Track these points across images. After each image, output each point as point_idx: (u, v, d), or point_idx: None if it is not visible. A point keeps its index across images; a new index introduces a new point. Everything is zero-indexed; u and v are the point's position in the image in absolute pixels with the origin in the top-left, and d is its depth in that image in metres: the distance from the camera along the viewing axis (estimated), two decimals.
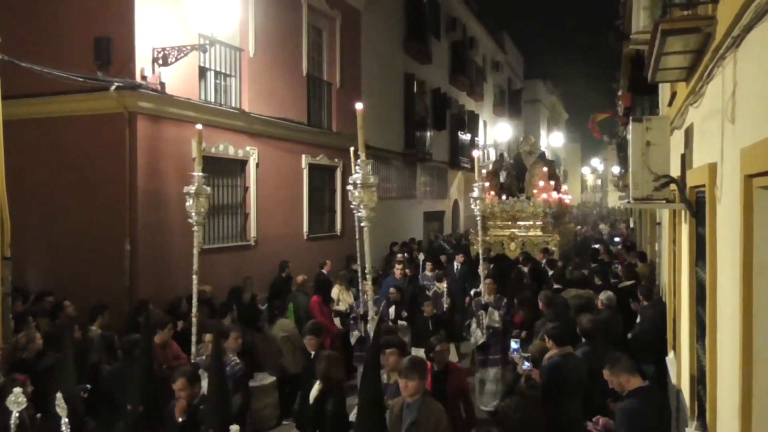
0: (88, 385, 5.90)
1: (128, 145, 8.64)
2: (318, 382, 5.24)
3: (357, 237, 7.51)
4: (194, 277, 5.92)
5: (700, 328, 4.89)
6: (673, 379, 6.52)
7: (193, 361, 5.77)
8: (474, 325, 8.40)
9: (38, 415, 4.40)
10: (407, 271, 10.88)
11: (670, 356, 7.34)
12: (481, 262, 8.71)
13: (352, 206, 4.49)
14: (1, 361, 5.58)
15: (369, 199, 4.39)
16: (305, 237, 12.94)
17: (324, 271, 11.49)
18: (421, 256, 12.87)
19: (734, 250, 3.15)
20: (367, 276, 4.83)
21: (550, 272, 11.12)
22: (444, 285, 10.08)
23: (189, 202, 5.83)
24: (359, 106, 4.42)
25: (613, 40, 17.02)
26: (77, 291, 8.06)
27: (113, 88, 8.30)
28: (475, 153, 8.53)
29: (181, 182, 9.27)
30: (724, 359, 3.65)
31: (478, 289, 8.84)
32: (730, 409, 3.27)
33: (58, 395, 3.34)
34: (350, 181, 4.43)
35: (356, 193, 4.39)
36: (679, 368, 6.16)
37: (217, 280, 9.48)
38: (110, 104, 8.50)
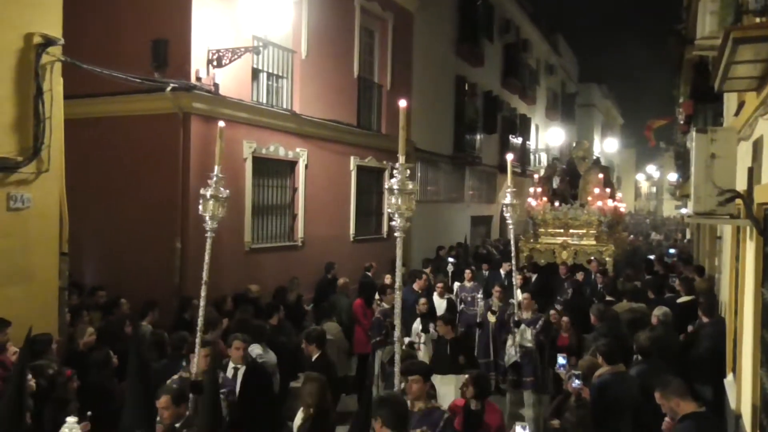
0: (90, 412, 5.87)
1: (182, 145, 8.81)
2: (302, 410, 4.79)
3: (394, 241, 7.26)
4: (203, 286, 5.23)
5: (765, 353, 4.63)
6: (732, 404, 6.19)
7: (185, 376, 5.34)
8: (510, 342, 7.99)
9: (89, 413, 4.44)
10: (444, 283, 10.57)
11: (729, 378, 6.99)
12: (514, 272, 8.13)
13: (389, 212, 4.08)
14: (56, 353, 5.74)
15: (407, 207, 3.96)
16: (351, 239, 12.95)
17: (369, 273, 11.46)
18: (450, 267, 12.27)
19: None
20: (396, 289, 4.26)
21: (600, 284, 10.78)
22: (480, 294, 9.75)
23: (208, 205, 5.23)
24: (403, 103, 4.07)
25: (674, 44, 16.45)
26: (130, 287, 8.23)
27: (169, 89, 8.46)
28: (509, 156, 8.02)
29: (232, 182, 9.40)
30: None
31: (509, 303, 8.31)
32: None
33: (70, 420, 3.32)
34: (386, 186, 4.01)
35: (392, 200, 3.95)
36: (740, 393, 5.85)
37: (264, 279, 9.57)
38: (166, 105, 8.67)
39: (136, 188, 9.05)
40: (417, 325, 8.27)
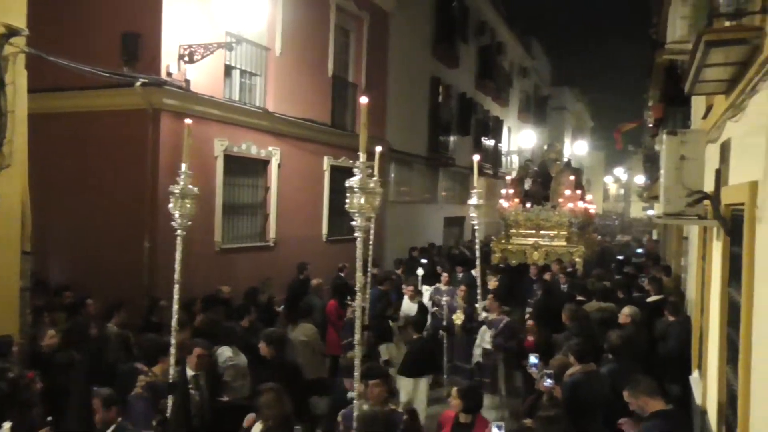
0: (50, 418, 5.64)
1: (151, 142, 8.64)
2: (260, 422, 4.56)
3: (368, 241, 7.22)
4: (176, 286, 5.11)
5: (731, 350, 4.70)
6: (698, 400, 6.30)
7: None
8: (478, 341, 8.09)
9: (49, 418, 4.31)
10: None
11: (695, 375, 7.11)
12: (478, 272, 8.06)
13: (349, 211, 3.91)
14: (17, 355, 5.57)
15: (370, 207, 3.79)
16: (324, 239, 12.87)
17: (342, 274, 11.39)
18: (420, 271, 12.15)
19: None
20: (358, 292, 4.16)
21: (563, 285, 10.84)
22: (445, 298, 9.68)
23: (178, 203, 5.14)
24: (364, 100, 3.91)
25: (645, 49, 16.73)
26: (97, 287, 8.05)
27: (138, 84, 8.30)
28: (475, 157, 8.00)
29: (203, 181, 9.25)
30: (759, 385, 3.47)
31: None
32: None
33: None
34: (347, 185, 3.84)
35: (353, 199, 3.79)
36: (705, 389, 5.95)
37: (235, 280, 9.44)
38: (135, 100, 8.50)
39: (104, 186, 8.85)
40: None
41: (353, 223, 3.88)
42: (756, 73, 3.62)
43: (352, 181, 3.83)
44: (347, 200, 3.87)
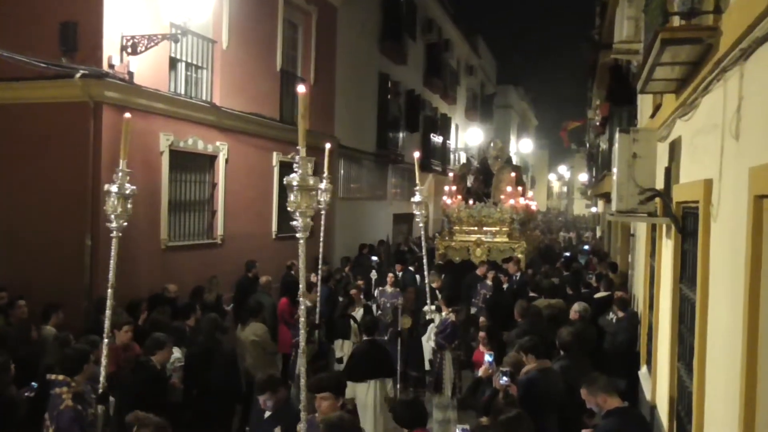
0: (35, 383, 5.50)
1: (92, 136, 8.22)
2: None
3: (318, 238, 7.14)
4: (109, 291, 4.95)
5: (682, 347, 4.81)
6: (647, 395, 6.45)
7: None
8: (425, 338, 8.12)
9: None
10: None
11: (643, 371, 7.29)
12: (425, 270, 7.90)
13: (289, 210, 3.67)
14: None
15: (307, 205, 3.58)
16: (274, 236, 12.63)
17: (292, 272, 11.20)
18: (374, 275, 11.87)
19: (735, 271, 3.03)
20: (301, 299, 4.01)
21: (505, 285, 10.93)
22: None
23: (109, 202, 4.90)
24: (302, 89, 3.68)
25: (588, 49, 17.13)
26: (34, 287, 7.63)
27: (78, 75, 7.88)
28: (416, 154, 7.91)
29: (148, 177, 8.93)
30: (716, 381, 3.53)
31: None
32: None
33: None
34: (285, 182, 3.63)
35: (291, 198, 3.56)
36: (655, 385, 6.09)
37: (182, 279, 9.13)
38: (75, 92, 8.08)
39: (42, 182, 8.37)
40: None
41: (293, 223, 3.65)
42: (709, 72, 3.69)
43: (292, 178, 3.58)
44: (288, 200, 3.65)
